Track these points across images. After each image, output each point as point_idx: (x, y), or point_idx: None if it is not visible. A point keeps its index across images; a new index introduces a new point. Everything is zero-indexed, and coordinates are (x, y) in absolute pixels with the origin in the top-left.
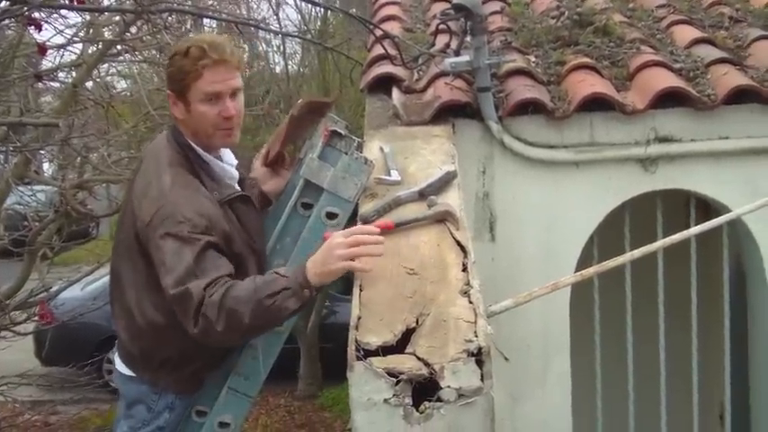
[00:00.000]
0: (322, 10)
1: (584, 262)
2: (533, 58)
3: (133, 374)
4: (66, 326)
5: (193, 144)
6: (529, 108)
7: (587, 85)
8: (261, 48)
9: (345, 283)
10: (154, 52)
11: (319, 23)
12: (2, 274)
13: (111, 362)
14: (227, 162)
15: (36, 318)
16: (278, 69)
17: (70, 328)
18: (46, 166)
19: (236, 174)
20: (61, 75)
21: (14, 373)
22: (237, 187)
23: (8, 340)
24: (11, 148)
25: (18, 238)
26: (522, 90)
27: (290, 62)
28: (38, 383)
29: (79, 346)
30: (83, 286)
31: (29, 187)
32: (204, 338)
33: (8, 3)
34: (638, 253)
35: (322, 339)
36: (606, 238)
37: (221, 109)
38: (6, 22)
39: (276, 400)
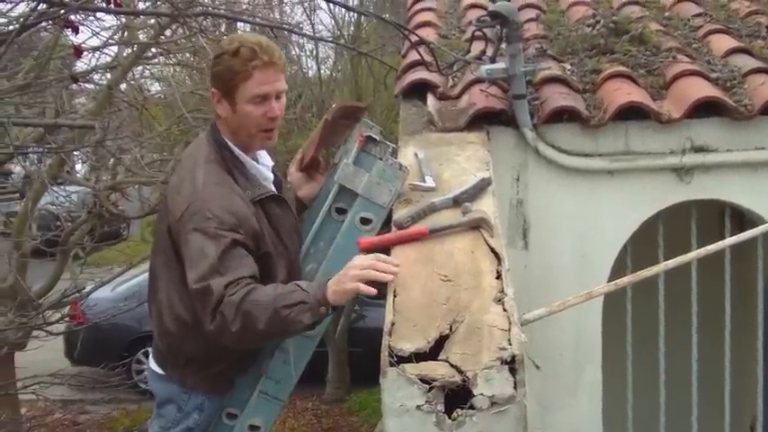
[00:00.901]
0: (356, 15)
1: (617, 271)
2: (569, 66)
3: (163, 372)
4: (98, 326)
5: (230, 143)
6: (564, 116)
7: (623, 93)
8: (294, 52)
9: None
10: (188, 55)
11: (353, 29)
12: (34, 274)
13: (140, 362)
14: (264, 164)
15: (68, 318)
16: (311, 74)
17: (101, 328)
18: (79, 167)
19: (270, 175)
20: (96, 77)
21: (45, 372)
22: (272, 188)
23: (40, 340)
24: (46, 150)
25: (51, 239)
26: (558, 98)
27: (322, 66)
28: (69, 383)
29: (110, 347)
30: (113, 287)
31: (62, 188)
32: (218, 336)
33: (46, 6)
34: (672, 263)
35: (350, 344)
36: (640, 247)
37: (267, 110)
38: (43, 24)
39: (304, 403)
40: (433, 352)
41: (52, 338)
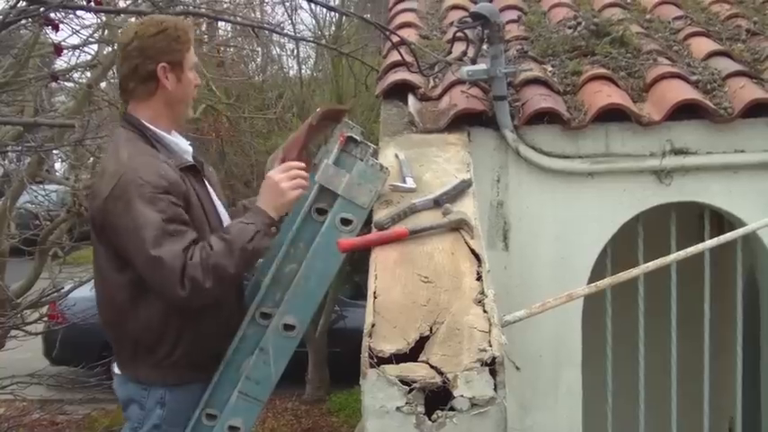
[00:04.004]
0: (337, 15)
1: (597, 273)
2: (550, 68)
3: (120, 373)
4: (76, 326)
5: (148, 123)
6: (545, 118)
7: (604, 95)
8: (275, 51)
9: (355, 287)
10: None
11: (334, 29)
12: (13, 273)
13: None
14: (184, 142)
15: (47, 318)
16: (291, 73)
17: (80, 328)
18: (58, 165)
19: (189, 148)
20: (76, 75)
21: (23, 372)
22: (191, 160)
23: (19, 339)
24: (25, 148)
25: (29, 238)
26: (538, 99)
27: (303, 66)
28: (47, 383)
29: (88, 347)
30: (92, 287)
31: (41, 186)
32: (194, 298)
33: (26, 3)
34: (652, 265)
35: (330, 344)
36: (620, 249)
37: (195, 77)
38: (23, 21)
39: (283, 403)
40: (414, 353)
41: (31, 338)
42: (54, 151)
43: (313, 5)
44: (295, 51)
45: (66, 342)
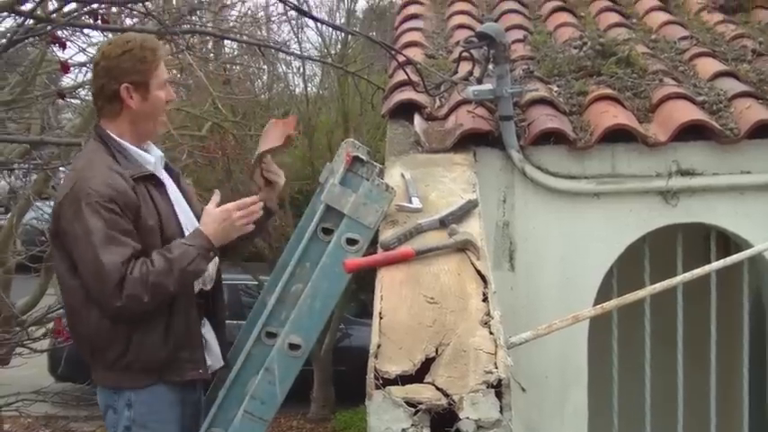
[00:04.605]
0: (343, 34)
1: (603, 293)
2: (555, 88)
3: (94, 380)
4: None
5: (115, 136)
6: (551, 138)
7: (610, 116)
8: (281, 69)
9: (360, 305)
10: (175, 72)
11: (340, 47)
12: (19, 290)
13: None
14: (155, 154)
15: (52, 334)
16: (298, 91)
17: None
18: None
19: (151, 159)
20: (83, 92)
21: (28, 389)
22: (151, 170)
23: (24, 357)
24: (31, 166)
25: (35, 254)
26: (544, 119)
27: (309, 84)
28: (52, 400)
29: None
30: None
31: (47, 203)
32: (128, 310)
33: (33, 21)
34: (658, 287)
35: (336, 362)
36: (626, 269)
37: (167, 94)
38: (31, 39)
39: (288, 421)
40: (419, 375)
41: (36, 355)
42: (60, 168)
43: (319, 24)
44: (301, 69)
45: (71, 359)
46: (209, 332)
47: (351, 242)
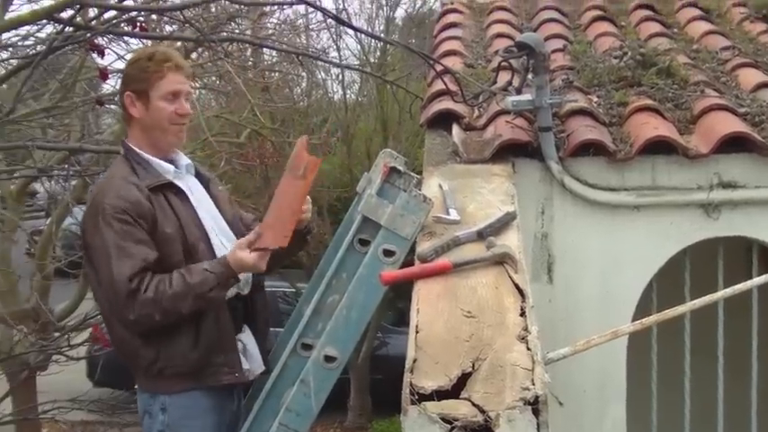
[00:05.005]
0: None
1: (642, 307)
2: (595, 99)
3: (136, 387)
4: None
5: (135, 146)
6: (590, 149)
7: (650, 127)
8: (320, 76)
9: (398, 314)
10: (214, 79)
11: (379, 54)
12: (58, 294)
13: None
14: (182, 162)
15: (90, 341)
16: (336, 98)
17: None
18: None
19: (170, 168)
20: None
21: (65, 394)
22: (171, 178)
23: (60, 364)
24: (70, 172)
25: (75, 260)
26: (584, 131)
27: (348, 91)
28: (88, 408)
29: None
30: None
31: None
32: (141, 324)
33: (72, 29)
34: (698, 303)
35: (373, 371)
36: (666, 283)
37: (177, 107)
38: (69, 47)
39: (325, 430)
40: (455, 390)
41: (73, 364)
42: (99, 174)
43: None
44: (340, 76)
45: (109, 365)
46: (248, 337)
47: (387, 253)
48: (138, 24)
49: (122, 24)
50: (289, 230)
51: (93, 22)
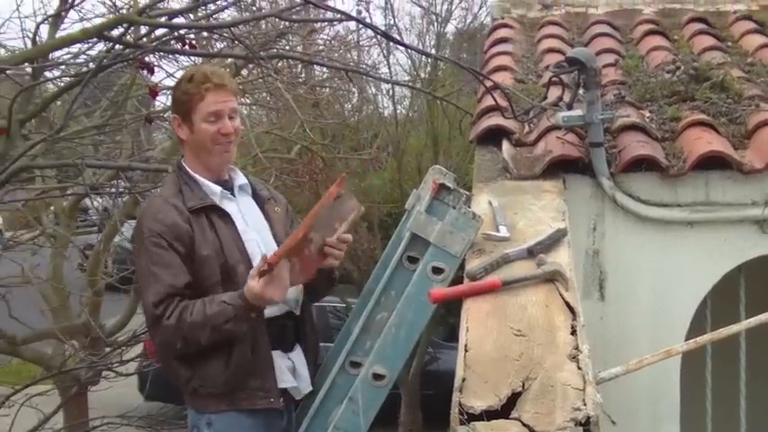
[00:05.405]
0: None
1: (696, 324)
2: (647, 114)
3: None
4: None
5: (187, 166)
6: (642, 165)
7: (704, 142)
8: (370, 91)
9: (448, 329)
10: (264, 95)
11: (429, 69)
12: (109, 309)
13: None
14: (237, 182)
15: (141, 357)
16: (387, 113)
17: None
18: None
19: (216, 190)
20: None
21: (117, 407)
22: (216, 201)
23: (110, 380)
24: (120, 189)
25: (126, 276)
26: (636, 146)
27: (398, 106)
28: (137, 425)
29: None
30: None
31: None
32: (165, 349)
33: (121, 47)
34: (754, 321)
35: (423, 386)
36: (720, 300)
37: (220, 127)
38: (119, 65)
39: None
40: (505, 410)
41: (123, 380)
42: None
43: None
44: (391, 91)
45: (159, 380)
46: (298, 355)
47: (436, 271)
48: (188, 42)
49: (172, 42)
50: (290, 252)
51: (144, 40)
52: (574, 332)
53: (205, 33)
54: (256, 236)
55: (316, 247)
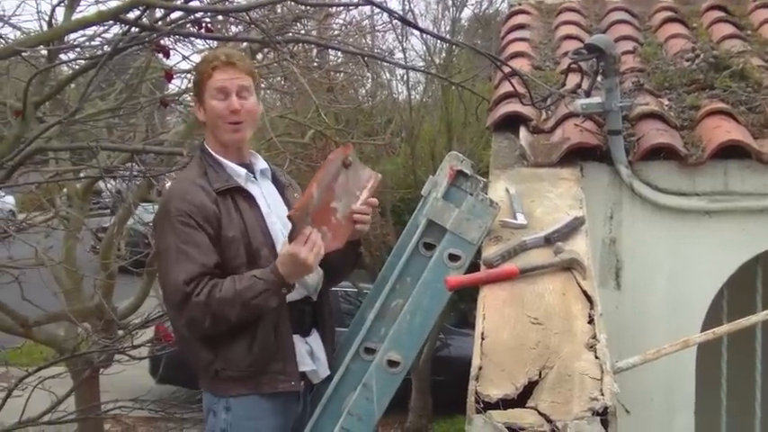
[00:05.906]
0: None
1: (713, 314)
2: (666, 102)
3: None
4: None
5: (209, 147)
6: (660, 153)
7: (723, 131)
8: (385, 77)
9: (460, 315)
10: (279, 79)
11: (444, 55)
12: (122, 291)
13: None
14: (258, 166)
15: (153, 341)
16: (401, 99)
17: None
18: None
19: (241, 172)
20: (187, 98)
21: (129, 390)
22: (241, 183)
23: (123, 363)
24: (134, 172)
25: (139, 259)
26: (654, 134)
27: (413, 92)
28: (149, 408)
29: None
30: None
31: (151, 207)
32: (190, 329)
33: (137, 30)
34: None
35: (434, 372)
36: (737, 290)
37: (228, 104)
38: (134, 48)
39: (386, 431)
40: (522, 399)
41: (136, 362)
42: (162, 174)
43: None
44: (405, 77)
45: (171, 362)
46: (316, 340)
47: (453, 258)
48: (204, 25)
49: (188, 25)
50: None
51: (159, 23)
52: (591, 321)
53: (221, 17)
54: (278, 221)
55: (342, 216)
